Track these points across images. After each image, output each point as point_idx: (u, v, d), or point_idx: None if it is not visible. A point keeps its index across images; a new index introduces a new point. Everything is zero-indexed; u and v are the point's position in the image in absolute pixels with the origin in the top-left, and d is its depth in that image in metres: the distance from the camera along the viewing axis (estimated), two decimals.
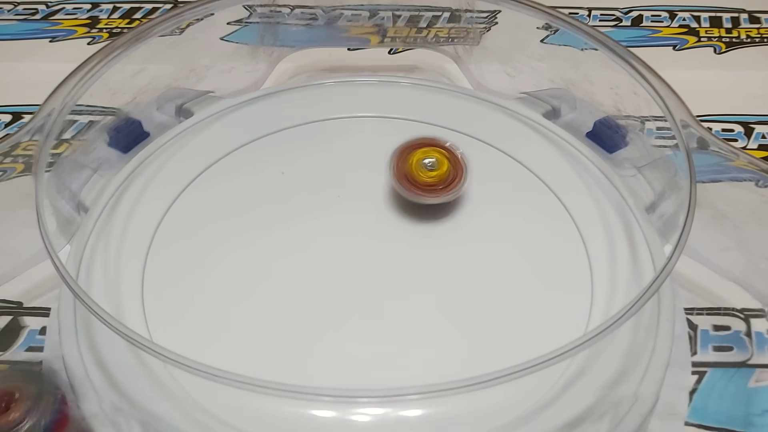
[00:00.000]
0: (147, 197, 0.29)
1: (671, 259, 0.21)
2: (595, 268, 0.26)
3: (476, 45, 0.37)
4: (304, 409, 0.21)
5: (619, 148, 0.31)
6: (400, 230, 0.28)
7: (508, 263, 0.26)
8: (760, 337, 0.26)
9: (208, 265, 0.26)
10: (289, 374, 0.23)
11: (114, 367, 0.22)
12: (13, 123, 0.36)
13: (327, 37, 0.38)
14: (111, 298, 0.25)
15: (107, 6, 0.44)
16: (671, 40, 0.42)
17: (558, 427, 0.21)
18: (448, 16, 0.38)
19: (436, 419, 0.21)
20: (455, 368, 0.23)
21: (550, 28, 0.33)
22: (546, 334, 0.24)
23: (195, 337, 0.24)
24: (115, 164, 0.31)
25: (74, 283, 0.21)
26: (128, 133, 0.32)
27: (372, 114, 0.33)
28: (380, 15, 0.38)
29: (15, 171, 0.27)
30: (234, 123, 0.32)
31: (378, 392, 0.19)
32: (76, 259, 0.26)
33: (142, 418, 0.21)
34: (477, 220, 0.28)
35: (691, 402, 0.24)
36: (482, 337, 0.24)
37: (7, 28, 0.43)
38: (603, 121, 0.32)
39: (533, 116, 0.32)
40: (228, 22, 0.37)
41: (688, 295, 0.28)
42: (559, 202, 0.28)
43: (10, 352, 0.26)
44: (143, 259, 0.26)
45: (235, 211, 0.28)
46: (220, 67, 0.36)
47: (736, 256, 0.26)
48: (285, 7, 0.38)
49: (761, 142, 0.35)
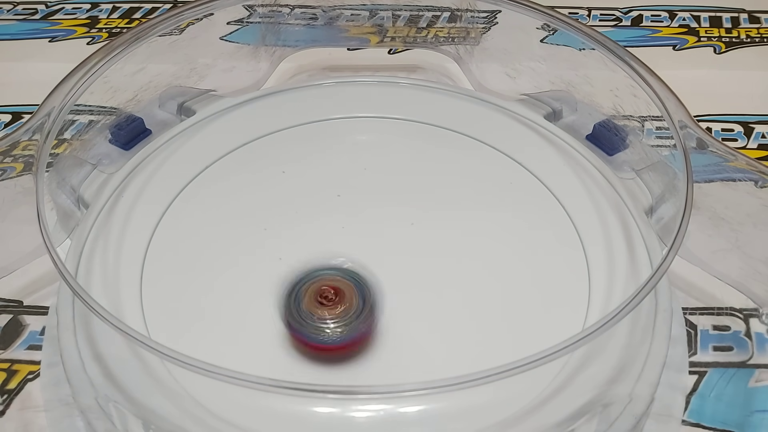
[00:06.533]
0: (148, 194, 0.29)
1: (667, 257, 0.21)
2: (593, 270, 0.26)
3: (476, 45, 0.37)
4: (302, 405, 0.21)
5: (619, 150, 0.31)
6: (400, 230, 0.28)
7: (506, 263, 0.26)
8: (760, 337, 0.26)
9: (207, 263, 0.26)
10: (286, 371, 0.23)
11: (111, 362, 0.23)
12: (12, 123, 0.36)
13: (327, 37, 0.38)
14: (110, 294, 0.25)
15: (107, 6, 0.44)
16: (671, 40, 0.42)
17: (553, 424, 0.21)
18: (448, 16, 0.38)
19: (433, 416, 0.21)
20: (453, 366, 0.23)
21: (549, 28, 0.33)
22: (543, 335, 0.24)
23: (193, 334, 0.24)
24: (116, 160, 0.31)
25: (73, 281, 0.21)
26: (129, 130, 0.32)
27: (372, 114, 0.33)
28: (380, 15, 0.38)
29: (15, 171, 0.27)
30: (235, 122, 0.33)
31: (376, 389, 0.19)
32: (76, 254, 0.26)
33: (138, 412, 0.21)
34: (476, 221, 0.28)
35: (691, 402, 0.24)
36: (480, 335, 0.24)
37: (6, 28, 0.43)
38: (603, 123, 0.32)
39: (534, 118, 0.33)
40: (228, 22, 0.37)
41: (687, 297, 0.28)
42: (559, 204, 0.28)
43: (10, 351, 0.26)
44: (142, 255, 0.26)
45: (236, 209, 0.28)
46: (221, 66, 0.36)
47: (734, 259, 0.26)
48: (285, 7, 0.38)
49: (761, 142, 0.35)
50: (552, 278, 0.26)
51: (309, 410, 0.21)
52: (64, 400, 0.23)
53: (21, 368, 0.25)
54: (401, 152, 0.31)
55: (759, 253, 0.25)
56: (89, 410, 0.22)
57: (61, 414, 0.23)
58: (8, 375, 0.25)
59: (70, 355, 0.23)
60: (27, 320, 0.27)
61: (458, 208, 0.28)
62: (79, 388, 0.22)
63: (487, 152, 0.31)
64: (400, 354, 0.23)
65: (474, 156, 0.31)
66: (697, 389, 0.25)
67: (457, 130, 0.32)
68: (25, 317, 0.27)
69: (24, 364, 0.25)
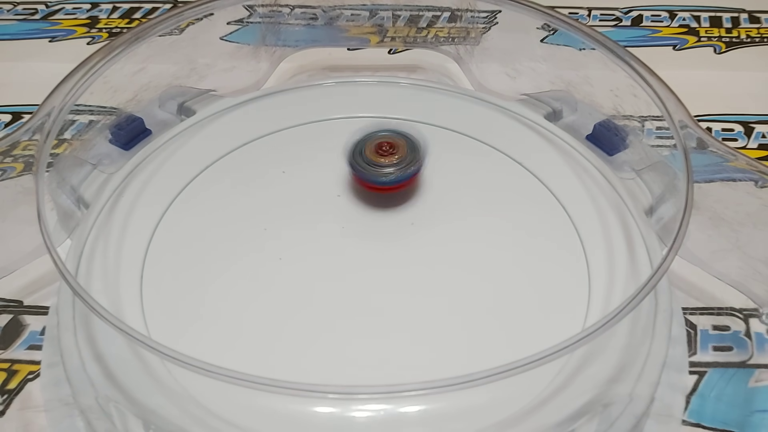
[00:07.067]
0: (148, 194, 0.29)
1: (667, 257, 0.21)
2: (593, 270, 0.26)
3: (476, 45, 0.37)
4: (302, 405, 0.21)
5: (619, 150, 0.31)
6: (399, 230, 0.28)
7: (506, 263, 0.26)
8: (759, 337, 0.26)
9: (207, 263, 0.26)
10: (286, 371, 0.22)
11: (111, 362, 0.23)
12: (13, 123, 0.36)
13: (327, 37, 0.38)
14: (110, 293, 0.25)
15: (107, 6, 0.44)
16: (671, 40, 0.42)
17: (553, 424, 0.21)
18: (448, 16, 0.38)
19: (433, 416, 0.21)
20: (453, 365, 0.23)
21: (549, 28, 0.33)
22: (543, 335, 0.24)
23: (193, 333, 0.24)
24: (116, 160, 0.31)
25: (73, 281, 0.21)
26: (130, 130, 0.32)
27: (372, 114, 0.33)
28: (380, 15, 0.38)
29: (15, 171, 0.27)
30: (235, 122, 0.33)
31: (376, 389, 0.19)
32: (76, 254, 0.26)
33: (138, 412, 0.21)
34: (476, 221, 0.28)
35: (691, 402, 0.24)
36: (480, 335, 0.24)
37: (6, 28, 0.43)
38: (603, 123, 0.32)
39: (534, 118, 0.33)
40: (228, 22, 0.37)
41: (687, 297, 0.28)
42: (559, 204, 0.28)
43: (10, 351, 0.26)
44: (143, 255, 0.26)
45: (236, 209, 0.28)
46: (221, 66, 0.36)
47: (734, 259, 0.26)
48: (285, 7, 0.38)
49: (761, 142, 0.35)
50: (552, 278, 0.26)
51: (309, 410, 0.21)
52: (64, 400, 0.23)
53: (21, 368, 0.25)
54: None
55: (759, 253, 0.25)
56: (89, 410, 0.22)
57: (61, 414, 0.23)
58: (8, 375, 0.25)
59: (70, 355, 0.23)
60: (27, 320, 0.27)
61: (458, 208, 0.28)
62: (79, 388, 0.22)
63: (487, 152, 0.31)
64: (400, 354, 0.23)
65: (474, 156, 0.31)
66: (697, 389, 0.25)
67: (457, 130, 0.32)
68: (26, 317, 0.27)
69: (24, 364, 0.25)
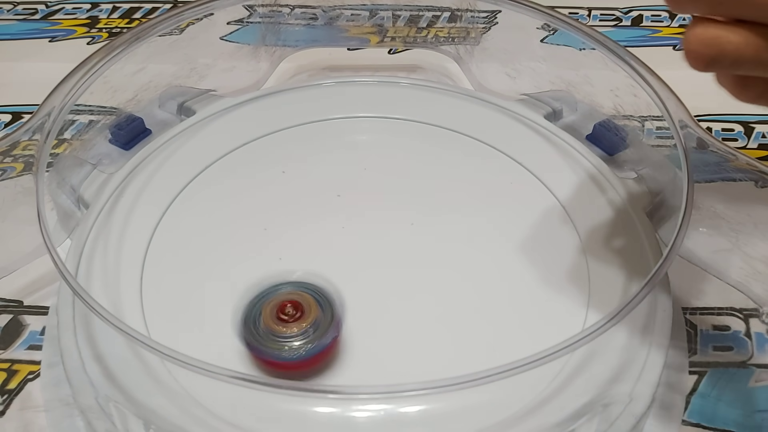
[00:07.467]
0: (148, 194, 0.29)
1: (667, 257, 0.21)
2: (593, 270, 0.26)
3: (476, 45, 0.37)
4: (302, 405, 0.21)
5: (619, 150, 0.31)
6: (400, 229, 0.28)
7: (507, 263, 0.26)
8: (760, 337, 0.26)
9: (207, 263, 0.26)
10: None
11: (111, 362, 0.23)
12: (12, 123, 0.36)
13: (327, 37, 0.38)
14: (110, 294, 0.25)
15: (107, 6, 0.45)
16: (671, 39, 0.42)
17: (553, 424, 0.21)
18: (448, 16, 0.38)
19: (433, 416, 0.21)
20: (453, 366, 0.22)
21: (549, 28, 0.33)
22: (543, 335, 0.24)
23: (193, 334, 0.24)
24: (116, 160, 0.31)
25: (73, 281, 0.21)
26: (129, 130, 0.32)
27: (372, 114, 0.33)
28: (380, 15, 0.38)
29: (15, 171, 0.27)
30: (235, 122, 0.33)
31: (376, 389, 0.19)
32: (76, 254, 0.26)
33: (138, 412, 0.21)
34: (477, 220, 0.28)
35: (691, 402, 0.24)
36: (480, 335, 0.24)
37: (6, 28, 0.43)
38: (603, 123, 0.32)
39: (535, 118, 0.33)
40: (228, 22, 0.37)
41: (687, 297, 0.28)
42: (559, 204, 0.28)
43: (10, 351, 0.26)
44: (143, 255, 0.26)
45: (236, 209, 0.28)
46: (221, 66, 0.36)
47: (734, 259, 0.26)
48: (285, 7, 0.38)
49: (761, 142, 0.35)
50: (552, 278, 0.26)
51: (309, 410, 0.21)
52: (64, 400, 0.23)
53: (21, 368, 0.25)
54: (401, 152, 0.31)
55: (759, 253, 0.25)
56: (89, 410, 0.22)
57: (61, 414, 0.23)
58: (8, 375, 0.25)
59: (70, 355, 0.23)
60: (27, 320, 0.27)
61: (458, 208, 0.28)
62: (79, 388, 0.22)
63: (487, 152, 0.31)
64: (400, 354, 0.23)
65: (474, 156, 0.31)
66: (697, 389, 0.25)
67: (457, 130, 0.32)
68: (26, 317, 0.27)
69: (24, 364, 0.25)
